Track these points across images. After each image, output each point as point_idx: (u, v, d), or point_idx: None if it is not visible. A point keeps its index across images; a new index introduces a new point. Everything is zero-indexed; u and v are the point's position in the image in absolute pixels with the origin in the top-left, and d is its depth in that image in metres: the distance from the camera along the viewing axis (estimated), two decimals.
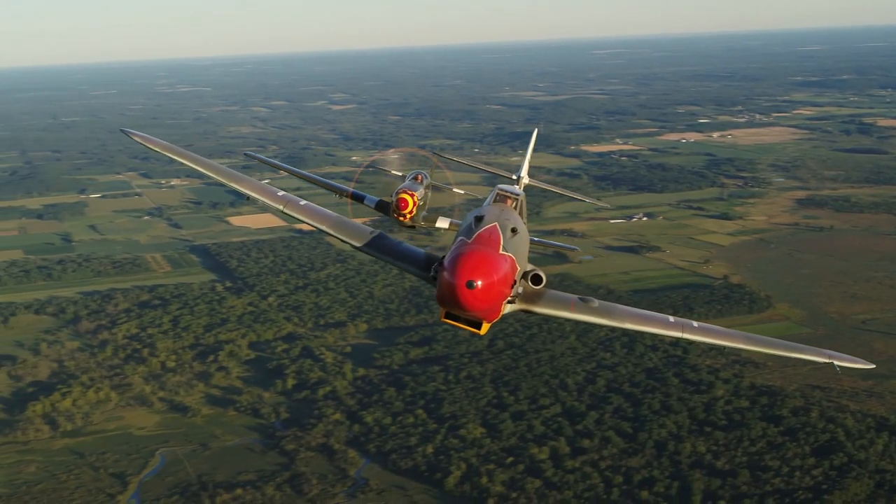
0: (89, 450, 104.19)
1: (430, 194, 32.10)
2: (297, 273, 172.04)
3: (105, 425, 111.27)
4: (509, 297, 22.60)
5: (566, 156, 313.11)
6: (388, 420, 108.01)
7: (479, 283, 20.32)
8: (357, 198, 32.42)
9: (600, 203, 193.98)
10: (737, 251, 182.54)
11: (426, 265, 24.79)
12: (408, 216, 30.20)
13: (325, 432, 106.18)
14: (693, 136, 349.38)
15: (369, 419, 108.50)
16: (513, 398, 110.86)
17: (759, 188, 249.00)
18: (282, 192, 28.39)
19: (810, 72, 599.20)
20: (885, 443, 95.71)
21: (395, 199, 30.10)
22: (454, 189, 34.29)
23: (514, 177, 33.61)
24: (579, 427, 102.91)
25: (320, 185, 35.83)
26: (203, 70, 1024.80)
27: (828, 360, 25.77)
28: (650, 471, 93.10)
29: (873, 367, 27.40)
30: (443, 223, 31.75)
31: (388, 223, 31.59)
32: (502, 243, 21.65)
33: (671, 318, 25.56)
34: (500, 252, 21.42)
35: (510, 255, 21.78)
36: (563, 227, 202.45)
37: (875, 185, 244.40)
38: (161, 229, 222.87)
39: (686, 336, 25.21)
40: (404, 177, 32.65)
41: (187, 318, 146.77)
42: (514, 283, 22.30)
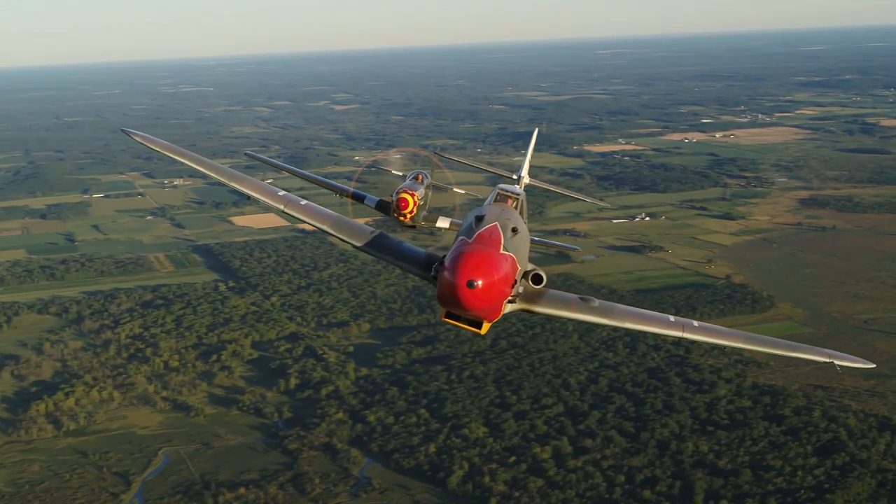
0: (92, 449, 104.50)
1: (430, 194, 32.07)
2: (300, 273, 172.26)
3: (108, 425, 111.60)
4: (510, 297, 22.54)
5: (569, 156, 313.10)
6: (391, 419, 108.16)
7: (480, 282, 20.28)
8: (357, 198, 32.36)
9: (601, 203, 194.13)
10: (739, 251, 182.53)
11: (427, 265, 24.71)
12: (408, 216, 30.17)
13: (327, 432, 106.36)
14: (696, 136, 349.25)
15: (372, 419, 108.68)
16: (515, 398, 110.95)
17: (761, 188, 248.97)
18: (282, 192, 28.24)
19: (813, 72, 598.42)
20: (887, 442, 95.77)
21: (395, 198, 30.09)
22: (454, 189, 34.33)
23: (515, 176, 33.61)
24: (581, 426, 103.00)
25: (321, 184, 35.83)
26: (206, 70, 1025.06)
27: (828, 360, 25.54)
28: (652, 470, 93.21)
29: (874, 366, 27.29)
30: (443, 223, 31.70)
31: (389, 223, 31.60)
32: (503, 243, 21.61)
33: (671, 318, 25.40)
34: (501, 251, 21.38)
35: (511, 254, 21.73)
36: (566, 227, 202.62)
37: (878, 185, 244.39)
38: (164, 229, 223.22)
39: (686, 336, 25.07)
40: (405, 176, 32.64)
41: (190, 318, 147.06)
42: (515, 282, 22.24)
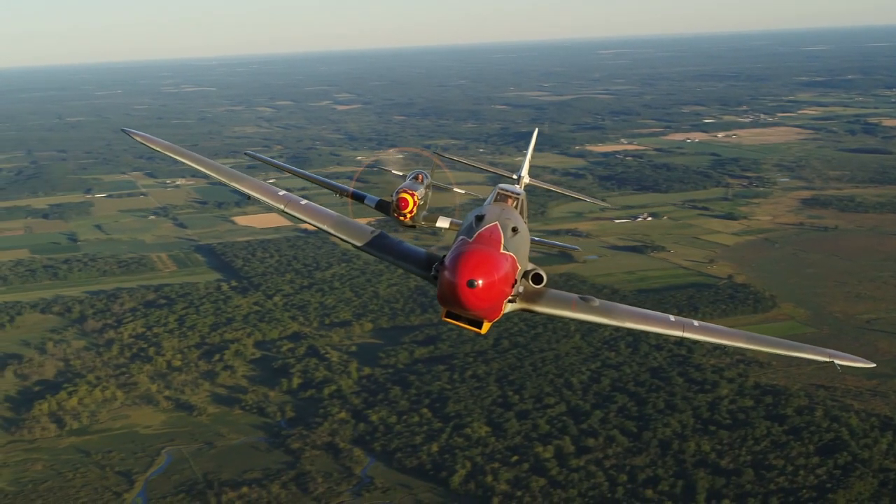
0: (95, 448, 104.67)
1: (430, 194, 32.04)
2: (303, 272, 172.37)
3: (111, 424, 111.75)
4: (510, 297, 22.58)
5: (571, 156, 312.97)
6: (394, 419, 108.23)
7: (480, 282, 20.33)
8: (357, 198, 32.33)
9: (601, 203, 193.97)
10: (741, 251, 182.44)
11: (427, 265, 24.74)
12: (408, 216, 30.15)
13: (330, 431, 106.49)
14: (698, 136, 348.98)
15: (374, 418, 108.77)
16: (518, 397, 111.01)
17: (763, 188, 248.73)
18: (283, 192, 28.25)
19: (815, 72, 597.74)
20: (889, 442, 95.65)
21: (395, 198, 30.08)
22: (455, 189, 34.32)
23: (515, 176, 33.68)
24: (584, 426, 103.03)
25: (321, 184, 35.77)
26: (208, 70, 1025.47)
27: (828, 359, 25.59)
28: (654, 469, 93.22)
29: (874, 365, 27.29)
30: (443, 223, 31.67)
31: (390, 223, 31.62)
32: (503, 242, 21.65)
33: (672, 318, 25.43)
34: (501, 251, 21.42)
35: (511, 254, 21.78)
36: (568, 227, 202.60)
37: (880, 185, 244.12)
38: (166, 229, 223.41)
39: (687, 335, 25.08)
40: (405, 176, 32.60)
41: (193, 318, 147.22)
42: (515, 282, 22.29)
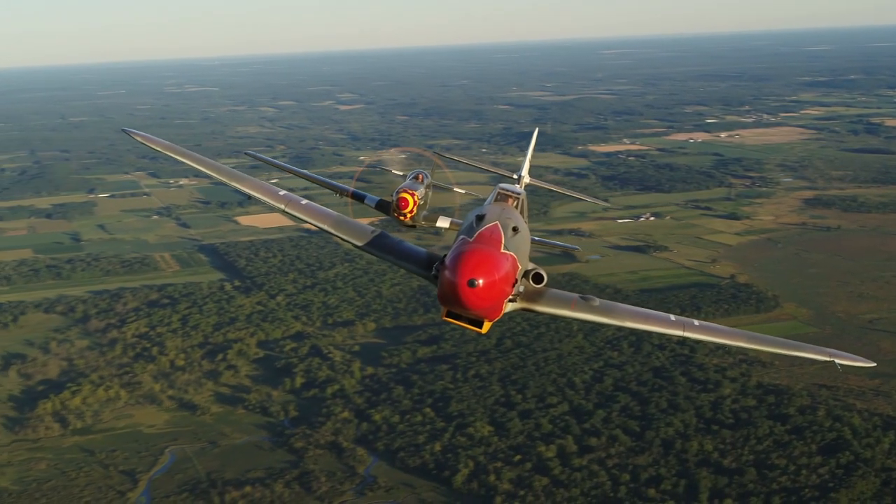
0: (99, 447, 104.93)
1: (430, 194, 32.06)
2: (306, 272, 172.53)
3: (115, 423, 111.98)
4: (510, 296, 22.62)
5: (574, 156, 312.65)
6: (397, 418, 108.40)
7: (481, 281, 20.38)
8: (357, 197, 32.33)
9: (602, 203, 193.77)
10: (744, 251, 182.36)
11: (427, 264, 24.77)
12: (408, 216, 30.19)
13: (333, 430, 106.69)
14: (701, 136, 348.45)
15: (377, 417, 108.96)
16: (520, 397, 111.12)
17: (766, 188, 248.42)
18: (283, 192, 28.21)
19: (818, 72, 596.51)
20: (891, 441, 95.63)
21: (395, 198, 30.12)
22: (455, 188, 34.38)
23: (515, 176, 33.70)
24: (587, 425, 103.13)
25: (321, 184, 35.76)
26: (211, 70, 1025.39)
27: (829, 359, 25.58)
28: (657, 469, 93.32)
29: (874, 365, 27.34)
30: (444, 222, 31.68)
31: (390, 223, 31.67)
32: (503, 242, 21.68)
33: (672, 317, 25.45)
34: (502, 251, 21.47)
35: (511, 253, 21.83)
36: (570, 227, 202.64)
37: (882, 185, 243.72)
38: (169, 229, 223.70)
39: (687, 335, 25.09)
40: (405, 176, 32.62)
41: (196, 317, 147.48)
42: (516, 281, 22.34)
